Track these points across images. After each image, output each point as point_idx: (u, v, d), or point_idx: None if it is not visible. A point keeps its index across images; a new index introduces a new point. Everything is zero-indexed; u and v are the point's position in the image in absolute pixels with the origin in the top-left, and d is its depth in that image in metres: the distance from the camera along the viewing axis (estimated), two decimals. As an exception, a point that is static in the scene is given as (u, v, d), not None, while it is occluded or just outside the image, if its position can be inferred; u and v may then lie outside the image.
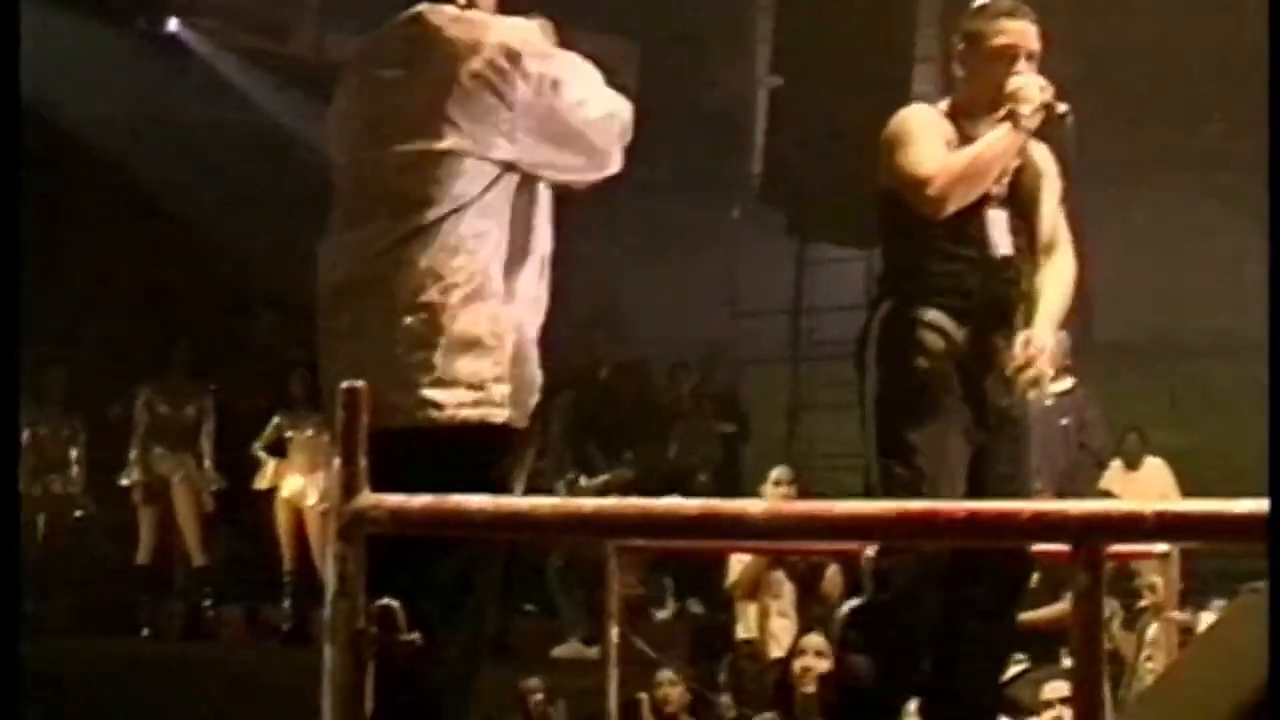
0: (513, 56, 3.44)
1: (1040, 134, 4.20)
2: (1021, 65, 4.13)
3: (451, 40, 3.46)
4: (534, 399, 3.57)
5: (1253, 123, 13.54)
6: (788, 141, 11.43)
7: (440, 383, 3.38)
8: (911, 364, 4.11)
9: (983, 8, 4.23)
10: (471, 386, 3.40)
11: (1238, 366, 13.84)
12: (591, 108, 3.53)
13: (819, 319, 12.45)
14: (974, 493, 4.03)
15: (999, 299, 4.21)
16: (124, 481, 10.40)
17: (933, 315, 4.13)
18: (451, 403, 3.38)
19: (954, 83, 4.32)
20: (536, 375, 3.56)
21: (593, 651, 8.48)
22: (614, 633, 5.64)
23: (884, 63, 10.81)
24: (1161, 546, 5.48)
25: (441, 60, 3.45)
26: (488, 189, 3.44)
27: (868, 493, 4.12)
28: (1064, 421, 9.39)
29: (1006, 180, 4.20)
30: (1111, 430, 10.26)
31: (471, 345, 3.41)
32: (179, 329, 10.97)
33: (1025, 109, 4.06)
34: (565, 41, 3.69)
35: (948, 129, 4.16)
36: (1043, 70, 4.17)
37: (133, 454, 10.36)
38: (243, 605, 10.46)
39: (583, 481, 9.99)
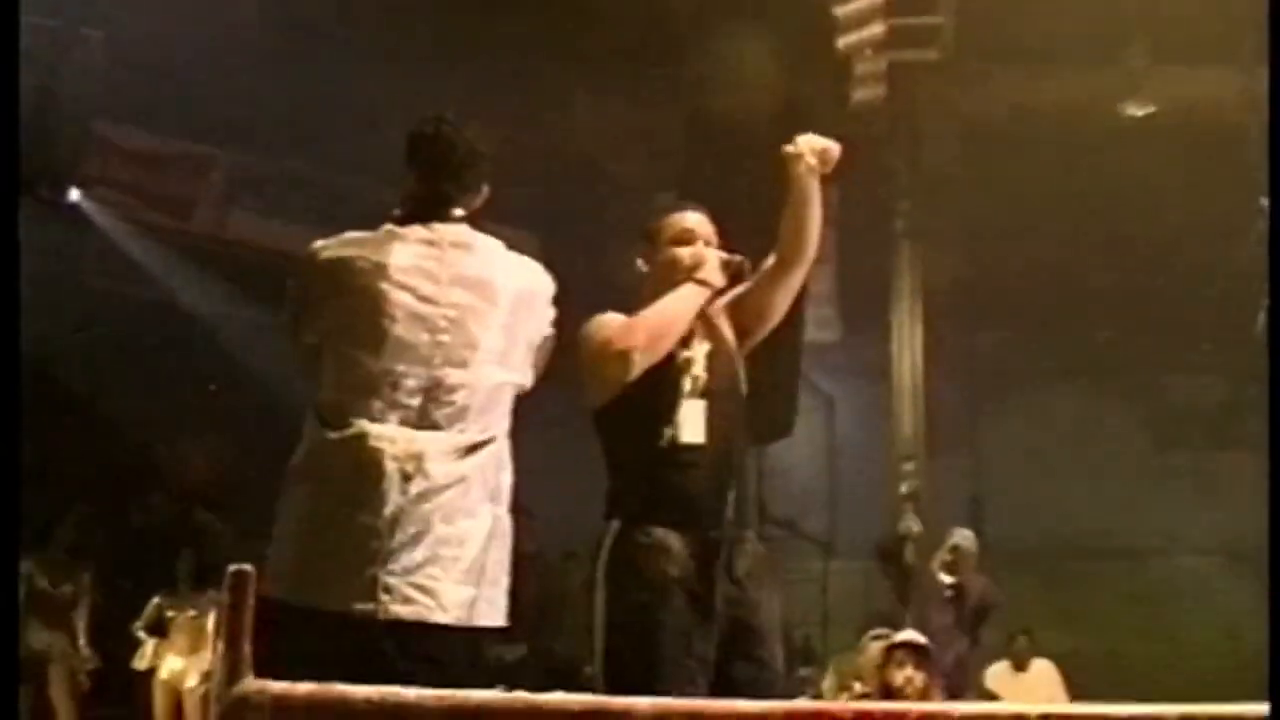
0: (549, 302, 3.92)
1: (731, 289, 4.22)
2: (699, 246, 4.23)
3: (506, 288, 3.81)
4: None
5: (1140, 330, 13.92)
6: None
7: (498, 583, 3.68)
8: (630, 594, 3.98)
9: (659, 211, 4.39)
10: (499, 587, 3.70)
11: (1126, 569, 14.00)
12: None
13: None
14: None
15: (706, 496, 4.07)
16: (-3, 658, 10.14)
17: (651, 535, 4.01)
18: (500, 602, 3.68)
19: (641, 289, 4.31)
20: None
21: None
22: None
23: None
24: (1050, 750, 5.47)
25: (508, 302, 3.81)
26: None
27: None
28: (949, 619, 9.45)
29: (700, 378, 4.14)
30: (1001, 632, 10.30)
31: (509, 550, 3.73)
32: (65, 505, 10.78)
33: (705, 267, 4.17)
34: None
35: None
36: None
37: (8, 630, 10.11)
38: (116, 789, 10.20)
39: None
